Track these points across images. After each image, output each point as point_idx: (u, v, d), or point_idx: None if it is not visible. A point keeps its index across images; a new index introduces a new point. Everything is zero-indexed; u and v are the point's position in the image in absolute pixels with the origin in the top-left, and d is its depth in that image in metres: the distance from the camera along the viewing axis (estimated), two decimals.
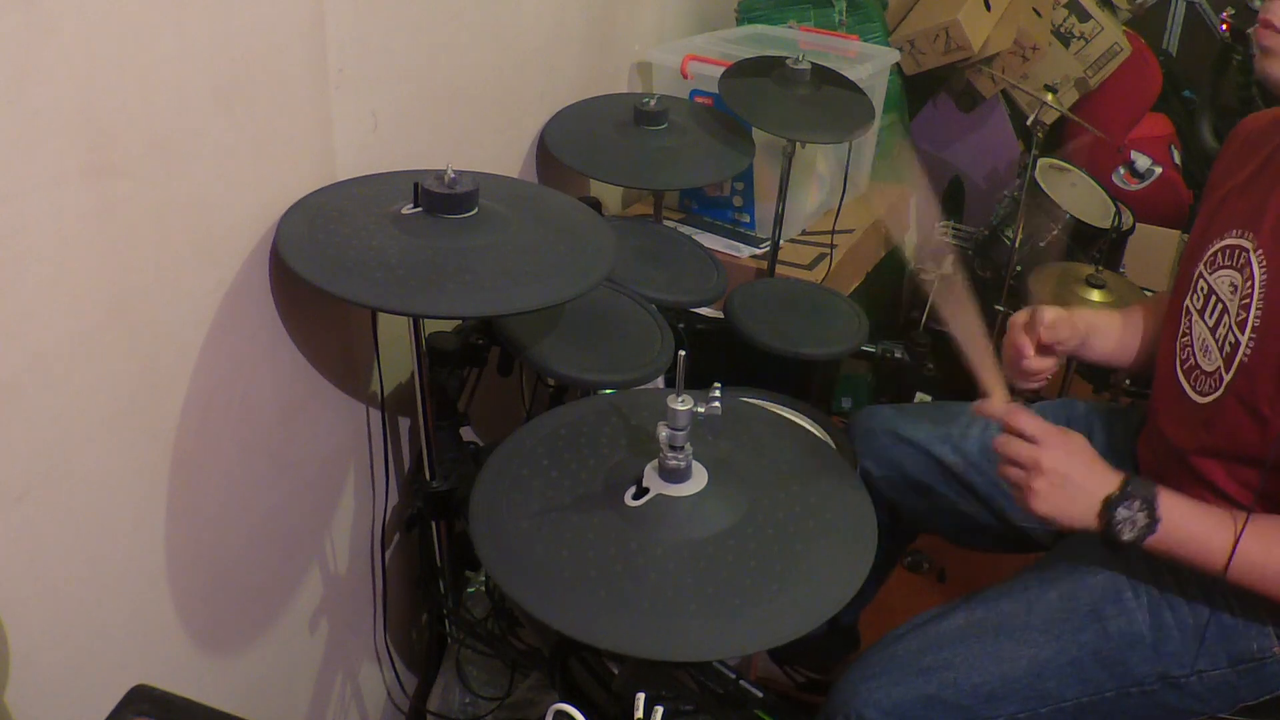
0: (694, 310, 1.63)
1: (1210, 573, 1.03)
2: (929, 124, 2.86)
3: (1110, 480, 1.05)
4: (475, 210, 1.11)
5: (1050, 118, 2.29)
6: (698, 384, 0.92)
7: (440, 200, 1.09)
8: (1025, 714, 1.10)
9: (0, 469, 0.89)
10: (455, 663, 1.49)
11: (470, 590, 1.51)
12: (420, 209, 1.10)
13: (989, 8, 2.51)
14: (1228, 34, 2.93)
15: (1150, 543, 1.03)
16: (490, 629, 1.40)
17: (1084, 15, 2.83)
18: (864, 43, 2.24)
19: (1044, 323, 1.29)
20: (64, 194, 0.87)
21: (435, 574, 1.43)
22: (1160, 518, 1.02)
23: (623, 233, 1.60)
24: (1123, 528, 1.02)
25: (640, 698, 0.92)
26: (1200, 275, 1.18)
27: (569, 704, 0.88)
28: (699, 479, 0.91)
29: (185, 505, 1.11)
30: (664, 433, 0.88)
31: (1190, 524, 1.03)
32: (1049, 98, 2.12)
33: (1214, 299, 1.14)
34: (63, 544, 0.97)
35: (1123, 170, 3.02)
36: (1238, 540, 1.00)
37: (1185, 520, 1.03)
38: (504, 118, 1.58)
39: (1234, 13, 2.90)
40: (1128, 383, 2.06)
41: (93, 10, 0.85)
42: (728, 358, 1.62)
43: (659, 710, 0.91)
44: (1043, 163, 2.43)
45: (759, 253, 1.93)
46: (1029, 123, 2.15)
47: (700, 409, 0.88)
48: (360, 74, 1.21)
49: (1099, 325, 1.36)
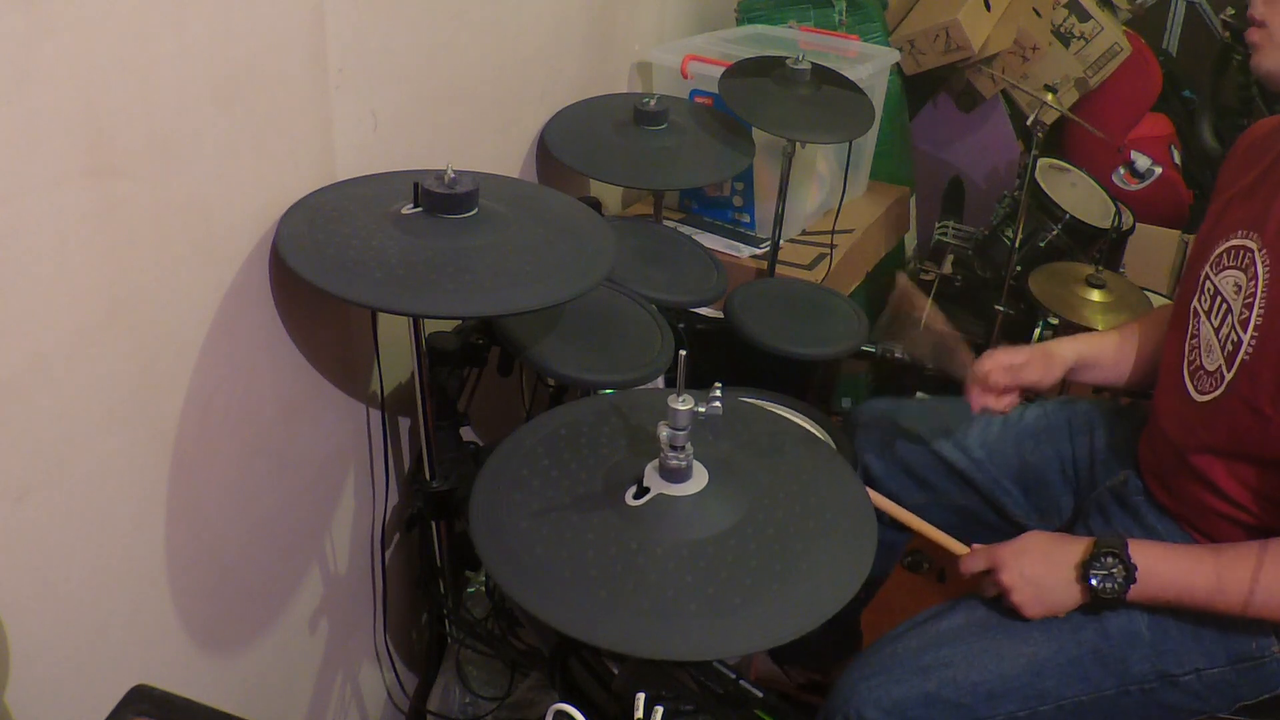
0: (694, 310, 1.63)
1: (1204, 608, 1.07)
2: (929, 124, 2.86)
3: (1075, 551, 1.10)
4: (475, 210, 1.11)
5: (1050, 118, 2.28)
6: (698, 384, 0.92)
7: (440, 200, 1.09)
8: (1025, 712, 1.10)
9: (0, 469, 0.89)
10: (455, 663, 1.49)
11: (470, 590, 1.51)
12: (420, 209, 1.10)
13: (989, 8, 2.51)
14: (1228, 34, 2.93)
15: (1135, 594, 1.07)
16: (490, 629, 1.40)
17: (1084, 15, 2.82)
18: (864, 43, 2.23)
19: (1002, 369, 1.30)
20: (64, 194, 0.87)
21: (435, 574, 1.43)
22: (1135, 565, 1.06)
23: (623, 233, 1.60)
24: (1105, 585, 1.07)
25: (640, 698, 0.92)
26: (1206, 277, 1.18)
27: (569, 704, 0.88)
28: (699, 479, 0.91)
29: (185, 505, 1.11)
30: (665, 432, 0.88)
31: (1163, 568, 1.07)
32: (1049, 98, 2.12)
33: (1219, 299, 1.15)
34: (63, 544, 0.97)
35: (1123, 170, 3.02)
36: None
37: (1158, 564, 1.07)
38: (504, 118, 1.58)
39: (1234, 13, 2.90)
40: None
41: (93, 10, 0.85)
42: (728, 358, 1.62)
43: (659, 710, 0.91)
44: (1043, 163, 2.43)
45: (759, 253, 1.93)
46: (1029, 123, 2.15)
47: (701, 409, 0.88)
48: (360, 74, 1.21)
49: (1087, 359, 1.36)
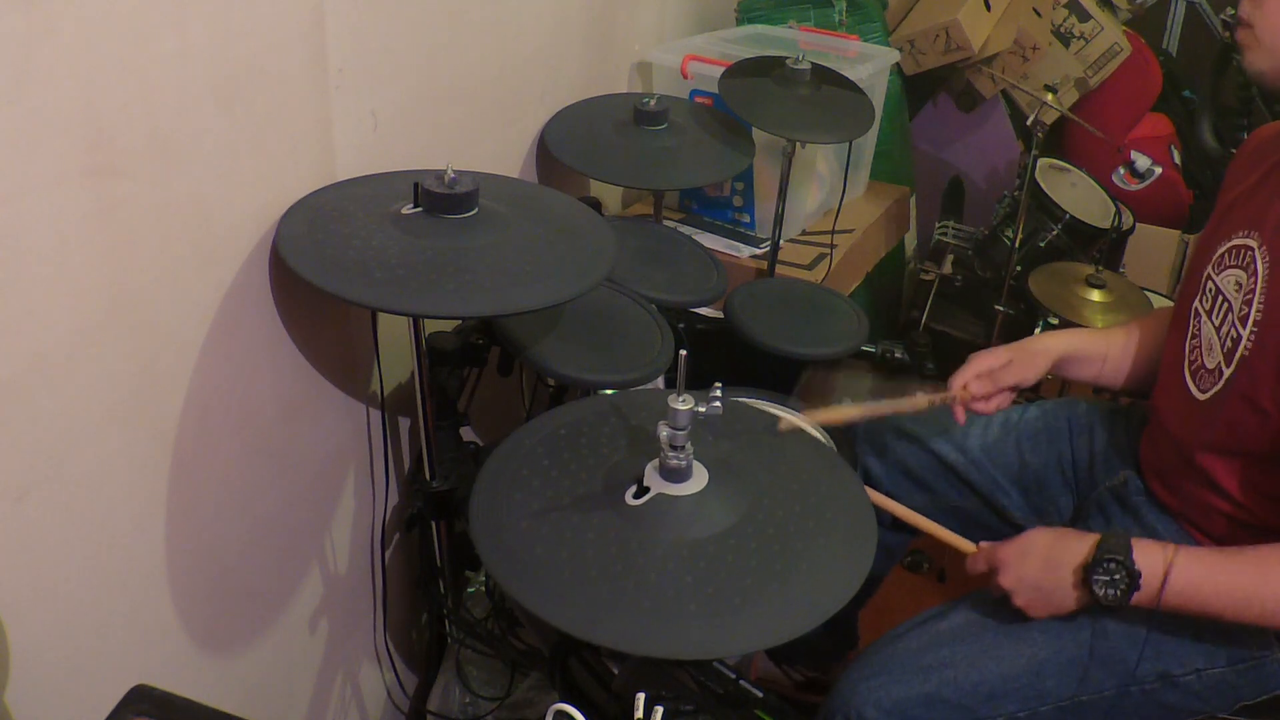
0: (694, 310, 1.63)
1: (1212, 616, 1.04)
2: (929, 124, 2.86)
3: (1077, 552, 1.07)
4: (475, 210, 1.11)
5: (1050, 118, 2.29)
6: (698, 384, 0.92)
7: (440, 200, 1.09)
8: (1025, 713, 1.10)
9: (0, 469, 0.89)
10: (455, 663, 1.49)
11: (470, 590, 1.51)
12: (420, 209, 1.10)
13: (989, 8, 2.51)
14: (1228, 34, 2.93)
15: (1138, 600, 1.04)
16: (490, 629, 1.40)
17: (1084, 15, 2.83)
18: (864, 43, 2.23)
19: (982, 376, 1.30)
20: (64, 194, 0.87)
21: (435, 574, 1.43)
22: (1139, 571, 1.03)
23: (623, 233, 1.60)
24: (1107, 592, 1.04)
25: (640, 698, 0.92)
26: (1209, 277, 1.18)
27: (569, 704, 0.88)
28: (699, 479, 0.91)
29: (185, 505, 1.11)
30: (665, 432, 0.88)
31: (1173, 577, 1.03)
32: (1049, 98, 2.12)
33: (1220, 298, 1.15)
34: (63, 544, 0.97)
35: (1123, 170, 3.02)
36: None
37: (1156, 567, 1.03)
38: (504, 118, 1.58)
39: (1233, 13, 2.90)
40: None
41: (93, 10, 0.85)
42: (728, 358, 1.62)
43: (659, 710, 0.91)
44: (1043, 163, 2.43)
45: (759, 253, 1.93)
46: (1029, 123, 2.15)
47: (701, 409, 0.88)
48: (360, 74, 1.21)
49: (1076, 353, 1.35)
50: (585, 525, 0.88)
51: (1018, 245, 2.23)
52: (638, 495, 0.90)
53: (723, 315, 1.60)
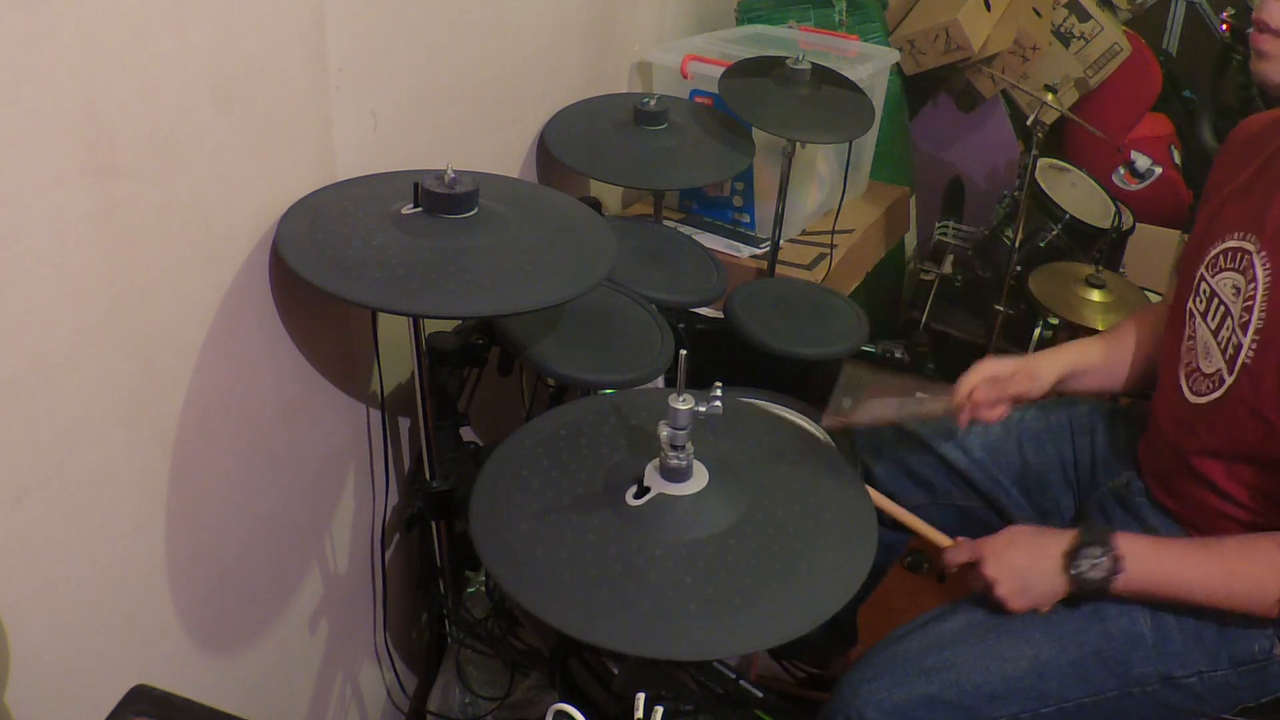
0: (694, 310, 1.63)
1: (1196, 602, 1.07)
2: (929, 124, 2.86)
3: (1060, 541, 1.10)
4: (475, 210, 1.11)
5: (1050, 118, 2.28)
6: (698, 384, 0.92)
7: (440, 200, 1.09)
8: (1027, 714, 1.10)
9: (0, 469, 0.89)
10: (455, 663, 1.49)
11: (470, 590, 1.51)
12: (420, 209, 1.10)
13: (989, 8, 2.51)
14: (1228, 34, 2.93)
15: (1122, 584, 1.06)
16: (490, 629, 1.40)
17: (1084, 15, 2.83)
18: (864, 43, 2.23)
19: (988, 381, 1.30)
20: (64, 194, 0.87)
21: (435, 574, 1.43)
22: (1121, 555, 1.06)
23: (623, 233, 1.60)
24: (1089, 575, 1.06)
25: (640, 698, 0.92)
26: (1202, 278, 1.18)
27: (569, 704, 0.88)
28: (699, 478, 0.91)
29: (185, 505, 1.11)
30: (665, 432, 0.88)
31: (1152, 560, 1.07)
32: (1049, 98, 2.12)
33: (1216, 301, 1.14)
34: (63, 544, 0.97)
35: (1123, 170, 3.02)
36: None
37: (1147, 556, 1.07)
38: (504, 118, 1.58)
39: (1234, 13, 2.90)
40: None
41: (93, 10, 0.85)
42: (728, 358, 1.62)
43: (659, 710, 0.91)
44: (1043, 163, 2.43)
45: (759, 253, 1.93)
46: (1029, 123, 2.15)
47: (701, 409, 0.88)
48: (360, 74, 1.21)
49: (1078, 368, 1.35)
50: (585, 526, 0.88)
51: (1018, 245, 2.23)
52: (638, 495, 0.90)
53: (723, 315, 1.60)
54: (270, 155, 1.10)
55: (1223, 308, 1.13)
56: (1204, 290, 1.17)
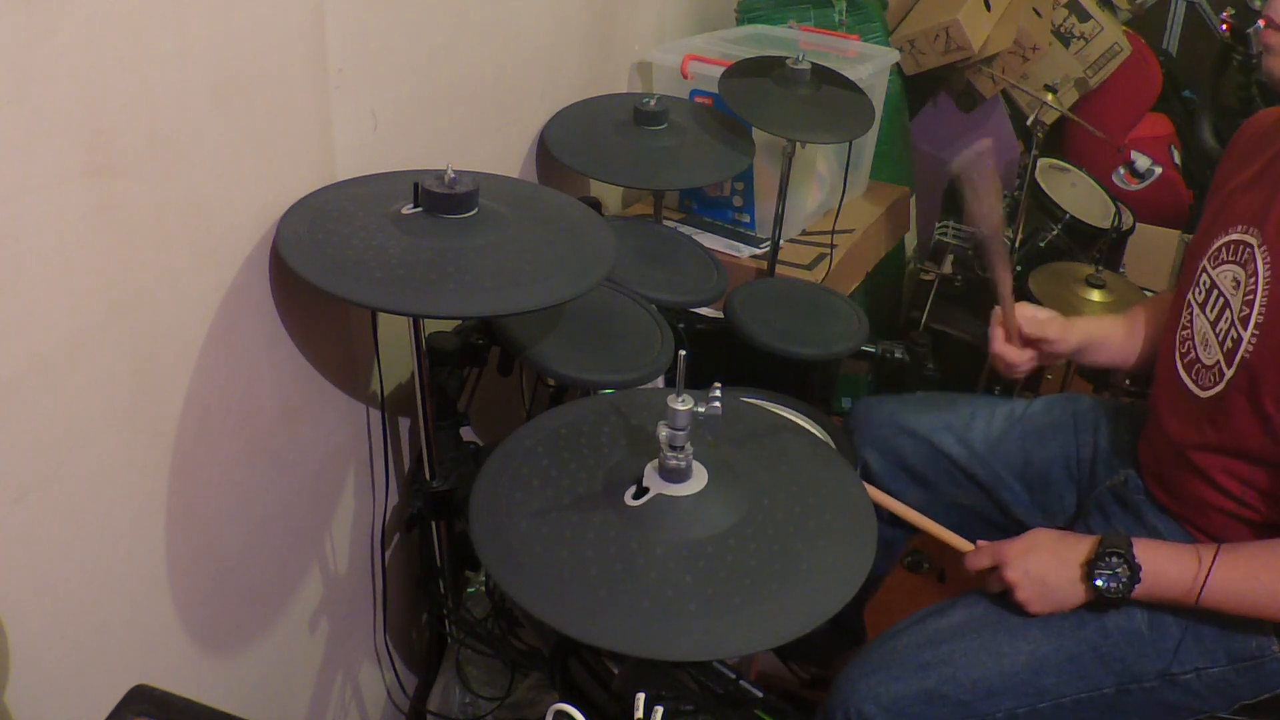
0: (694, 310, 1.63)
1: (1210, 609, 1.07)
2: (929, 124, 2.86)
3: (1080, 550, 1.10)
4: (475, 210, 1.11)
5: (1050, 118, 2.29)
6: (698, 384, 0.92)
7: (440, 200, 1.09)
8: (1024, 710, 1.10)
9: (0, 469, 0.89)
10: (455, 663, 1.49)
11: (470, 590, 1.51)
12: (420, 209, 1.10)
13: (989, 8, 2.51)
14: (1228, 34, 2.93)
15: (1140, 593, 1.07)
16: (490, 629, 1.40)
17: (1084, 15, 2.83)
18: (864, 43, 2.23)
19: (1028, 319, 1.33)
20: (64, 194, 0.87)
21: (435, 574, 1.43)
22: (1140, 565, 1.07)
23: (623, 233, 1.60)
24: (1110, 585, 1.07)
25: (640, 698, 0.92)
26: (1204, 270, 1.18)
27: (569, 704, 0.88)
28: (699, 479, 0.91)
29: (185, 505, 1.11)
30: (664, 432, 0.88)
31: (1169, 568, 1.07)
32: (1049, 98, 2.13)
33: (1216, 293, 1.15)
34: (63, 544, 0.97)
35: (1123, 170, 3.02)
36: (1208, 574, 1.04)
37: (1164, 565, 1.07)
38: (504, 118, 1.58)
39: (1234, 13, 2.90)
40: (1127, 382, 2.06)
41: (93, 10, 0.85)
42: (728, 358, 1.62)
43: (659, 710, 0.91)
44: (1043, 163, 2.43)
45: (759, 253, 1.93)
46: (1029, 123, 2.15)
47: (700, 409, 0.88)
48: (360, 74, 1.21)
49: (1097, 337, 1.38)
50: (585, 525, 0.88)
51: (1018, 245, 2.24)
52: (637, 495, 0.90)
53: (723, 315, 1.60)
54: (270, 155, 1.10)
55: (1222, 299, 1.13)
56: (1204, 282, 1.17)
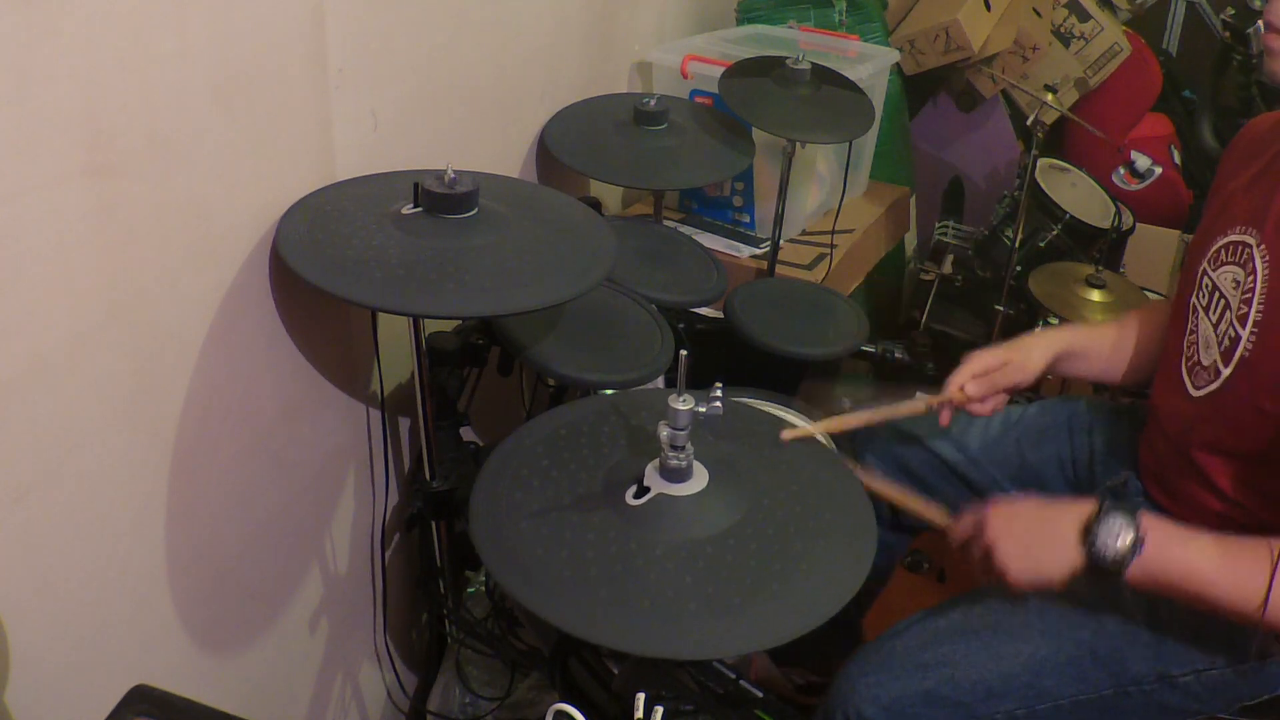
0: (694, 310, 1.63)
1: (1207, 603, 0.98)
2: (929, 124, 2.86)
3: (1076, 511, 1.00)
4: (475, 210, 1.11)
5: (1050, 118, 2.29)
6: (698, 384, 0.92)
7: (440, 200, 1.09)
8: (1023, 711, 1.10)
9: (0, 469, 0.89)
10: (455, 663, 1.49)
11: (470, 590, 1.51)
12: (420, 209, 1.10)
13: (989, 8, 2.51)
14: (1228, 34, 2.93)
15: (1138, 568, 0.97)
16: (490, 629, 1.40)
17: (1084, 15, 2.83)
18: (864, 43, 2.24)
19: (975, 381, 1.28)
20: (64, 194, 0.87)
21: (435, 574, 1.43)
22: (1145, 533, 0.96)
23: (623, 233, 1.60)
24: (1108, 544, 0.96)
25: (640, 698, 0.92)
26: (1205, 272, 1.18)
27: (569, 704, 0.88)
28: (699, 479, 0.91)
29: (185, 505, 1.11)
30: (665, 432, 0.88)
31: (1175, 547, 0.98)
32: (1049, 98, 2.12)
33: (1217, 295, 1.15)
34: (63, 544, 0.97)
35: (1123, 170, 3.02)
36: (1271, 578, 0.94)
37: (1169, 541, 0.98)
38: (504, 118, 1.58)
39: (1234, 13, 2.90)
40: None
41: (93, 10, 0.85)
42: (728, 358, 1.62)
43: (659, 710, 0.91)
44: (1043, 163, 2.43)
45: (759, 253, 1.93)
46: (1029, 123, 2.15)
47: (701, 409, 0.88)
48: (360, 74, 1.21)
49: (1075, 348, 1.33)
50: (585, 525, 0.88)
51: (1018, 245, 2.23)
52: (638, 495, 0.90)
53: (723, 315, 1.60)
54: (270, 155, 1.10)
55: (1223, 301, 1.13)
56: (1206, 285, 1.18)
